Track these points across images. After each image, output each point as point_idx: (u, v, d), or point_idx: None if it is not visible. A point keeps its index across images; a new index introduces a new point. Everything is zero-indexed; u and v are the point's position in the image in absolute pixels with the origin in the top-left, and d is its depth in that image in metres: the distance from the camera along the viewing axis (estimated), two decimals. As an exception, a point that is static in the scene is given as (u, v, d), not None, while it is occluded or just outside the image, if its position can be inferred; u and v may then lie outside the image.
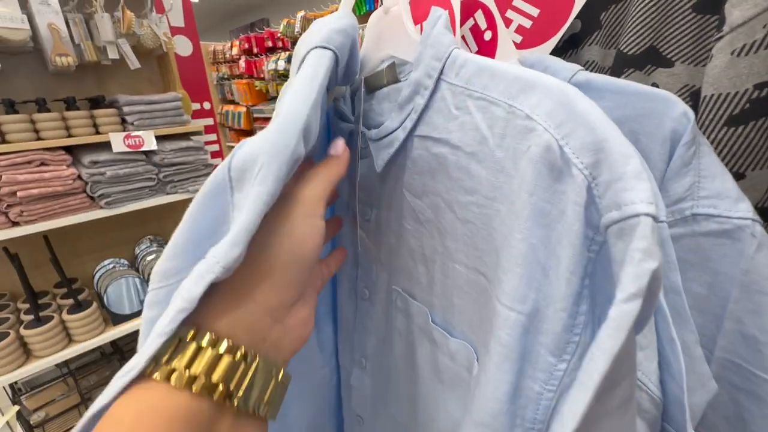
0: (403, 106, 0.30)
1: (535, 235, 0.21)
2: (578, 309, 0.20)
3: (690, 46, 0.36)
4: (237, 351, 0.20)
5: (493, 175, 0.24)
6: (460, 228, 0.27)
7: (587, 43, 0.42)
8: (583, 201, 0.19)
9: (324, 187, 0.27)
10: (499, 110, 0.23)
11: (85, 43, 1.33)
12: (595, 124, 0.19)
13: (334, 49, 0.27)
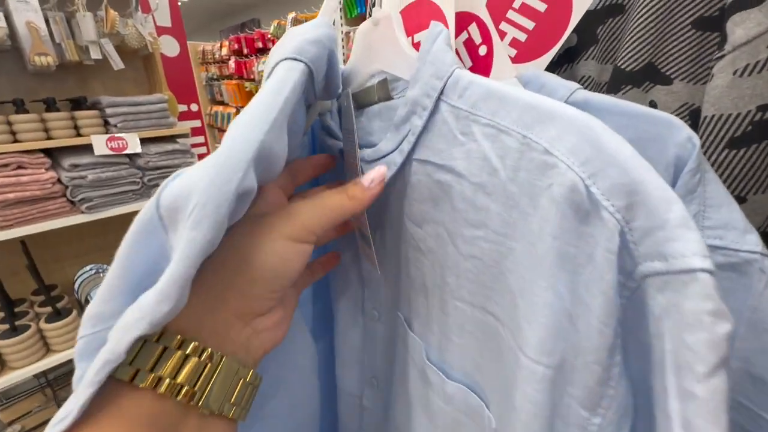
0: (400, 126, 0.28)
1: (561, 282, 0.19)
2: (612, 360, 0.19)
3: (689, 63, 0.35)
4: (203, 352, 0.20)
5: (505, 210, 0.22)
6: (463, 263, 0.25)
7: (583, 58, 0.40)
8: (615, 248, 0.17)
9: (326, 220, 0.25)
10: (511, 140, 0.22)
11: (66, 43, 1.28)
12: (628, 164, 0.17)
13: (306, 62, 0.25)
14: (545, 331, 0.20)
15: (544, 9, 0.35)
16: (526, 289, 0.21)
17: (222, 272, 0.22)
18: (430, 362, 0.29)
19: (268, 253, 0.23)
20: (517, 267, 0.22)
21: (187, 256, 0.18)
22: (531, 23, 0.36)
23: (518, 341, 0.21)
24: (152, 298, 0.18)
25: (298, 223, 0.24)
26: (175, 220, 0.20)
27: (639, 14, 0.35)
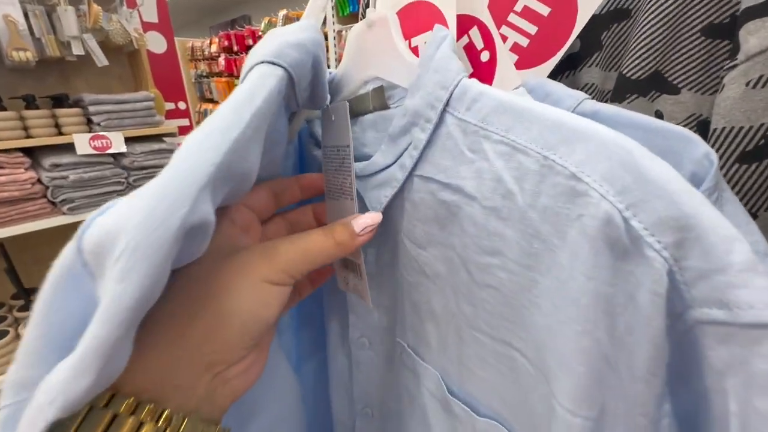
0: (397, 139, 0.25)
1: (599, 326, 0.17)
2: (660, 411, 0.17)
3: (698, 72, 0.33)
4: (161, 416, 0.18)
5: (525, 239, 0.20)
6: (479, 292, 0.23)
7: (586, 65, 0.39)
8: (663, 290, 0.15)
9: (307, 265, 0.22)
10: (529, 161, 0.19)
11: (47, 38, 1.24)
12: (677, 195, 0.15)
13: (286, 67, 0.22)
14: (582, 380, 0.18)
15: (548, 12, 0.33)
16: (557, 331, 0.19)
17: (187, 319, 0.19)
18: (454, 396, 0.27)
19: (244, 297, 0.20)
20: (544, 303, 0.20)
21: (110, 318, 0.15)
22: (533, 27, 0.35)
23: (552, 387, 0.19)
24: (66, 373, 0.15)
25: (277, 264, 0.21)
26: (102, 265, 0.16)
27: (646, 20, 0.34)
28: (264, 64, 0.22)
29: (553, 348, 0.19)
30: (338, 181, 0.27)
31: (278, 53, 0.22)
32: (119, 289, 0.15)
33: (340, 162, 0.27)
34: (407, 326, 0.30)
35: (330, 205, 0.29)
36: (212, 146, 0.18)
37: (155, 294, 0.16)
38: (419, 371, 0.30)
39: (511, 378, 0.23)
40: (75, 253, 0.17)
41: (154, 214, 0.15)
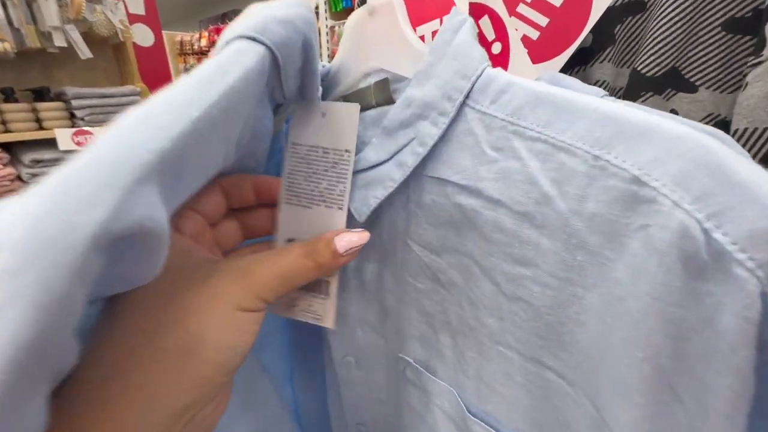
0: (395, 132, 0.22)
1: (664, 352, 0.15)
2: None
3: (717, 69, 0.32)
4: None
5: (567, 250, 0.18)
6: (507, 305, 0.21)
7: (598, 60, 0.37)
8: (756, 316, 0.13)
9: (284, 288, 0.20)
10: (574, 162, 0.17)
11: (26, 28, 1.18)
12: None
13: (270, 45, 0.18)
14: (643, 411, 0.15)
15: (560, 3, 0.31)
16: (609, 354, 0.17)
17: (147, 361, 0.16)
18: (474, 416, 0.24)
19: (217, 329, 0.17)
20: (590, 321, 0.18)
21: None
22: (545, 19, 0.33)
23: (602, 414, 0.17)
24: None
25: (252, 290, 0.19)
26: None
27: (663, 13, 0.32)
28: (242, 40, 0.18)
29: (605, 373, 0.17)
30: (318, 186, 0.24)
31: (261, 29, 0.18)
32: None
33: (329, 166, 0.24)
34: (414, 339, 0.28)
35: (293, 213, 0.24)
36: (160, 125, 0.13)
37: (61, 338, 0.11)
38: (429, 388, 0.27)
39: (542, 398, 0.21)
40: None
41: (55, 219, 0.11)
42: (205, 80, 0.16)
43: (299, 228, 0.25)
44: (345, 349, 0.31)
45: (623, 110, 0.16)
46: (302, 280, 0.21)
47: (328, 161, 0.24)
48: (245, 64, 0.17)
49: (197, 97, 0.15)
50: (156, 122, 0.14)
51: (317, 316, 0.25)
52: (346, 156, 0.24)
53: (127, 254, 0.13)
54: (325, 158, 0.24)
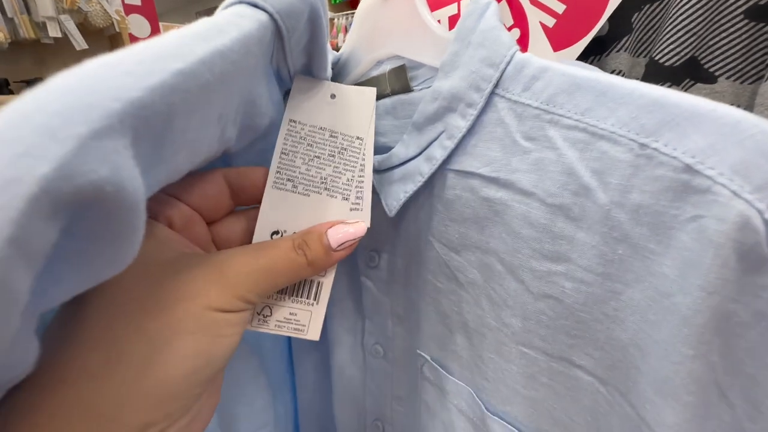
0: (424, 127, 0.22)
1: (714, 349, 0.14)
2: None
3: (738, 59, 0.31)
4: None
5: (606, 243, 0.17)
6: (533, 304, 0.20)
7: (614, 49, 0.36)
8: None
9: (270, 287, 0.17)
10: (617, 150, 0.16)
11: (20, 18, 1.16)
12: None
13: (273, 13, 0.16)
14: (691, 412, 0.15)
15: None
16: (653, 352, 0.16)
17: (106, 368, 0.13)
18: (493, 414, 0.24)
19: (189, 334, 0.15)
20: (629, 317, 0.17)
21: None
22: (561, 6, 0.32)
23: (643, 414, 0.17)
24: None
25: (230, 287, 0.16)
26: None
27: (683, 1, 0.31)
28: (241, 5, 0.16)
29: (646, 371, 0.16)
30: (321, 172, 0.22)
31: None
32: None
33: (335, 151, 0.22)
34: (431, 337, 0.27)
35: (282, 199, 0.21)
36: (131, 72, 0.11)
37: (2, 330, 0.09)
38: (446, 387, 0.27)
39: (569, 398, 0.20)
40: None
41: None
42: (193, 36, 0.13)
43: (288, 217, 0.21)
44: (376, 336, 0.31)
45: (672, 95, 0.16)
46: (290, 278, 0.18)
47: (336, 146, 0.22)
48: (244, 28, 0.15)
49: (182, 50, 0.13)
50: (126, 69, 0.11)
51: (299, 327, 0.21)
52: (357, 143, 0.22)
53: (87, 228, 0.11)
54: (332, 143, 0.22)
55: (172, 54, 0.12)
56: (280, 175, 0.21)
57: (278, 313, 0.21)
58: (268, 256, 0.17)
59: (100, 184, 0.10)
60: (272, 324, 0.21)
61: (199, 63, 0.13)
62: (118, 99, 0.10)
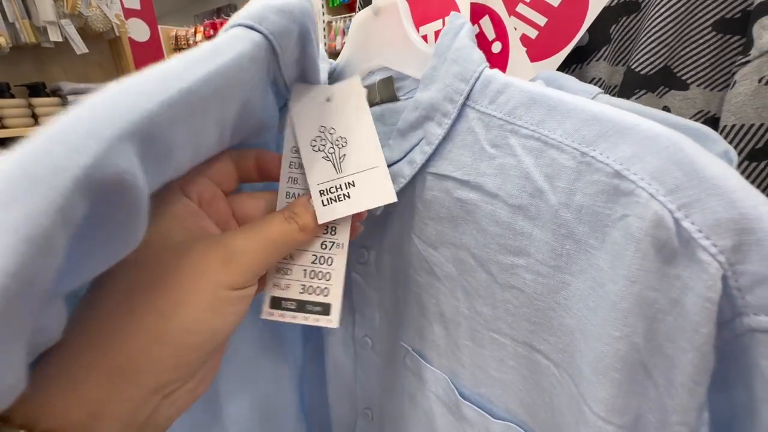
0: (407, 133, 0.24)
1: (638, 331, 0.16)
2: (701, 419, 0.16)
3: (708, 68, 0.33)
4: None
5: (556, 239, 0.19)
6: (501, 293, 0.22)
7: (594, 58, 0.38)
8: (716, 297, 0.14)
9: (271, 258, 0.19)
10: (563, 157, 0.18)
11: (21, 23, 1.18)
12: (736, 194, 0.14)
13: (266, 34, 0.19)
14: (616, 387, 0.17)
15: (558, 3, 0.32)
16: (590, 334, 0.18)
17: (125, 336, 0.16)
18: (466, 399, 0.26)
19: (199, 309, 0.17)
20: (575, 305, 0.19)
21: None
22: (543, 19, 0.33)
23: (582, 391, 0.19)
24: None
25: (236, 265, 0.18)
26: None
27: (656, 13, 0.33)
28: (239, 27, 0.18)
29: (585, 352, 0.18)
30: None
31: (258, 17, 0.19)
32: None
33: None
34: (413, 329, 0.29)
35: (297, 180, 0.23)
36: (144, 92, 0.14)
37: (39, 277, 0.12)
38: (425, 375, 0.29)
39: (532, 380, 0.22)
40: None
41: (47, 159, 0.11)
42: (193, 60, 0.16)
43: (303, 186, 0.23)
44: (365, 329, 0.33)
45: (607, 111, 0.18)
46: (288, 245, 0.20)
47: (333, 141, 0.23)
48: (238, 48, 0.18)
49: (185, 73, 0.15)
50: (140, 89, 0.14)
51: (320, 315, 0.22)
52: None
53: (107, 210, 0.13)
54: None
55: (176, 76, 0.15)
56: (291, 175, 0.23)
57: (298, 302, 0.22)
58: (266, 231, 0.19)
59: (121, 173, 0.13)
60: (292, 314, 0.22)
61: (198, 82, 0.16)
62: (134, 112, 0.13)
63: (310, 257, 0.23)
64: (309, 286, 0.23)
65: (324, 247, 0.23)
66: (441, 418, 0.28)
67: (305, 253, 0.23)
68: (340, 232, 0.23)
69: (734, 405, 0.16)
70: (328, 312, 0.22)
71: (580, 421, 0.19)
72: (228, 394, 0.31)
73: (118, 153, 0.13)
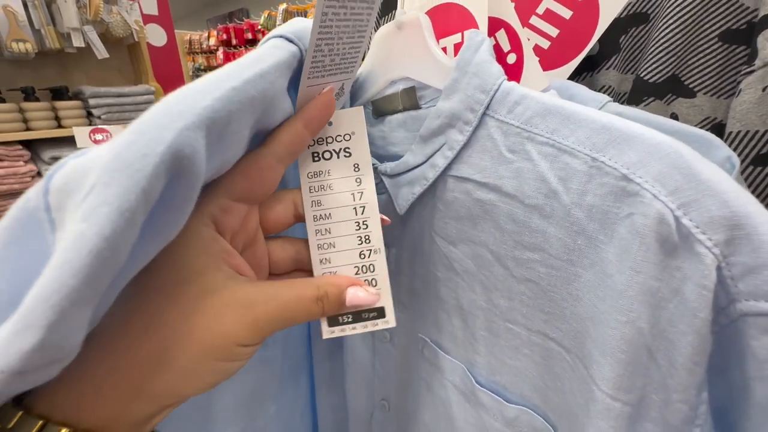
0: (429, 139, 0.26)
1: (642, 317, 0.18)
2: (700, 398, 0.18)
3: (714, 77, 0.34)
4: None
5: (569, 235, 0.21)
6: (517, 286, 0.24)
7: (604, 67, 0.40)
8: (712, 285, 0.16)
9: (284, 324, 0.19)
10: (576, 162, 0.20)
11: (47, 29, 1.22)
12: (728, 195, 0.16)
13: (302, 48, 0.21)
14: (623, 368, 0.19)
15: (570, 16, 0.34)
16: (600, 321, 0.20)
17: (139, 360, 0.16)
18: (481, 386, 0.28)
19: (203, 355, 0.17)
20: (586, 295, 0.21)
21: (68, 261, 0.12)
22: (555, 30, 0.35)
23: (591, 372, 0.20)
24: (7, 330, 0.12)
25: (254, 329, 0.18)
26: (64, 209, 0.14)
27: (665, 24, 0.35)
28: (279, 38, 0.21)
29: (595, 337, 0.20)
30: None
31: (298, 33, 0.21)
32: (83, 227, 0.12)
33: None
34: (431, 321, 0.31)
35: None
36: (204, 90, 0.16)
37: (121, 246, 0.13)
38: (442, 365, 0.31)
39: (544, 366, 0.24)
40: (41, 193, 0.15)
41: (128, 154, 0.13)
42: (242, 65, 0.19)
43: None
44: None
45: (615, 120, 0.20)
46: (304, 320, 0.20)
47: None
48: (278, 56, 0.20)
49: (234, 75, 0.18)
50: (200, 89, 0.17)
51: (376, 319, 0.23)
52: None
53: (172, 192, 0.15)
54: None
55: (227, 78, 0.18)
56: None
57: (353, 314, 0.23)
58: (292, 307, 0.19)
59: (191, 156, 0.15)
60: (352, 326, 0.23)
61: (245, 82, 0.18)
62: (196, 106, 0.16)
63: (352, 270, 0.24)
64: None
65: (363, 257, 0.24)
66: (457, 406, 0.30)
67: (347, 267, 0.24)
68: (374, 238, 0.24)
69: (731, 387, 0.18)
70: (384, 314, 0.23)
71: (589, 400, 0.20)
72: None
73: (187, 141, 0.15)
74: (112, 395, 0.16)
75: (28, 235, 0.16)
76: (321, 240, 0.24)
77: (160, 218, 0.15)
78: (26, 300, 0.12)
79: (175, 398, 0.18)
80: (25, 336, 0.12)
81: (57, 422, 0.15)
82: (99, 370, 0.16)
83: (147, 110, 0.15)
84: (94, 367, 0.16)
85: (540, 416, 0.25)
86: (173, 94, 0.16)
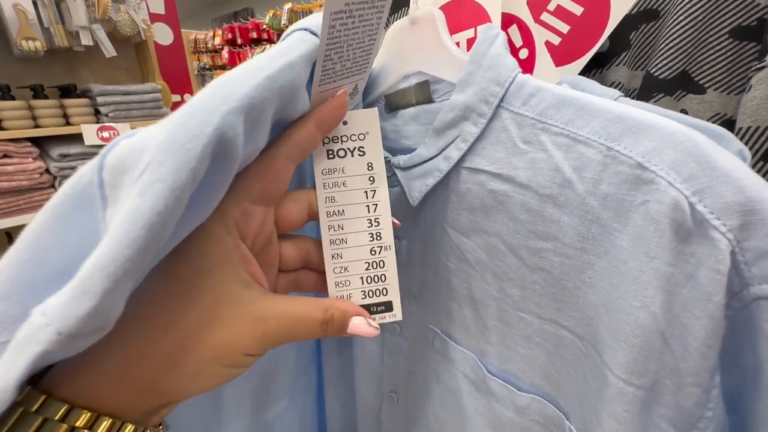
0: (443, 132, 0.26)
1: (656, 302, 0.18)
2: (712, 382, 0.18)
3: (724, 73, 0.34)
4: (95, 422, 0.16)
5: (583, 224, 0.21)
6: (529, 275, 0.24)
7: (614, 63, 0.40)
8: (726, 269, 0.16)
9: (287, 339, 0.20)
10: (591, 152, 0.20)
11: (56, 27, 1.23)
12: (743, 181, 0.16)
13: None
14: (637, 352, 0.19)
15: (581, 12, 0.34)
16: (613, 307, 0.20)
17: (148, 358, 0.17)
18: (493, 375, 0.28)
19: (211, 360, 0.18)
20: (599, 282, 0.21)
21: (124, 233, 0.13)
22: (566, 26, 0.35)
23: (605, 358, 0.21)
24: (66, 294, 0.13)
25: (261, 342, 0.19)
26: (119, 185, 0.15)
27: (675, 21, 0.35)
28: (304, 31, 0.22)
29: (608, 323, 0.20)
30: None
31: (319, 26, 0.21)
32: (139, 202, 0.13)
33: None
34: (442, 312, 0.31)
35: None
36: (240, 78, 0.17)
37: (169, 222, 0.14)
38: (453, 356, 0.31)
39: (557, 354, 0.24)
40: (95, 169, 0.16)
41: (180, 134, 0.14)
42: (272, 56, 0.20)
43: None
44: None
45: (630, 111, 0.20)
46: (305, 339, 0.21)
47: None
48: (304, 48, 0.21)
49: (267, 64, 0.19)
50: (238, 77, 0.18)
51: (385, 313, 0.24)
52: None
53: (214, 172, 0.16)
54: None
55: (261, 67, 0.18)
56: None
57: (363, 308, 0.23)
58: (300, 327, 0.20)
59: (233, 139, 0.16)
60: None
61: (277, 71, 0.19)
62: (237, 93, 0.17)
63: (363, 266, 0.24)
64: (369, 290, 0.24)
65: (373, 253, 0.24)
66: (468, 396, 0.30)
67: (358, 263, 0.24)
68: (385, 235, 0.24)
69: (743, 370, 0.18)
70: (391, 308, 0.24)
71: (603, 386, 0.21)
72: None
73: (230, 125, 0.16)
74: (129, 385, 0.17)
75: (79, 209, 0.16)
76: (334, 236, 0.24)
77: (198, 198, 0.16)
78: (83, 268, 0.13)
79: (181, 395, 0.18)
80: (82, 301, 0.13)
81: (81, 406, 0.16)
82: (119, 361, 0.17)
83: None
84: (115, 357, 0.17)
85: (551, 404, 0.25)
86: (215, 81, 0.17)
